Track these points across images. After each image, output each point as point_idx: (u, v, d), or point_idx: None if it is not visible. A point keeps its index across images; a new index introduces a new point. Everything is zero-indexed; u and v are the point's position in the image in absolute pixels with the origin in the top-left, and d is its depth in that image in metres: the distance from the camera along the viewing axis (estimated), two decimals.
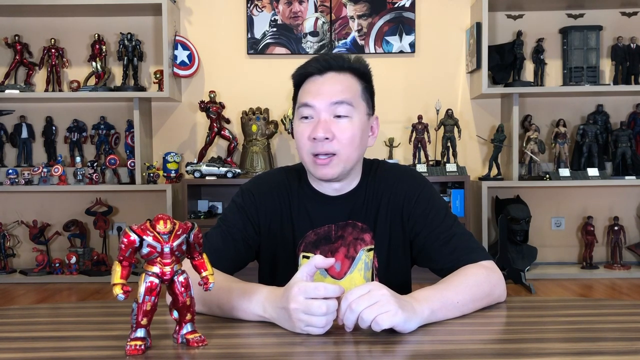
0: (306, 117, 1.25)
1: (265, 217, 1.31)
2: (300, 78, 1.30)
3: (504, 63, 4.00)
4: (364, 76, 1.29)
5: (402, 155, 4.10)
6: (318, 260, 1.00)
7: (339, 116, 1.23)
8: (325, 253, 1.29)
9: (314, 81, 1.26)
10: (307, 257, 1.29)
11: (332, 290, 0.94)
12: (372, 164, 1.36)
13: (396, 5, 4.07)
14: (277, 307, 0.99)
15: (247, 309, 1.04)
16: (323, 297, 0.94)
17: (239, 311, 1.05)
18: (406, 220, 1.30)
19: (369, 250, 1.30)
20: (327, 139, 1.21)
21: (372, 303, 0.93)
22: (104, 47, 4.03)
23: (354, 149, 1.25)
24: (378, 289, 0.96)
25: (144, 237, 0.85)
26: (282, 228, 1.31)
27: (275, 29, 4.09)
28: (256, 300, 1.03)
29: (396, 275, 1.31)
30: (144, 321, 0.87)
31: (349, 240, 1.30)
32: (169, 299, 0.92)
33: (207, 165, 3.81)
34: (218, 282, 0.94)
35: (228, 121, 4.06)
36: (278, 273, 1.33)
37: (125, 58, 3.96)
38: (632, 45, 3.99)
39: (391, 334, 0.95)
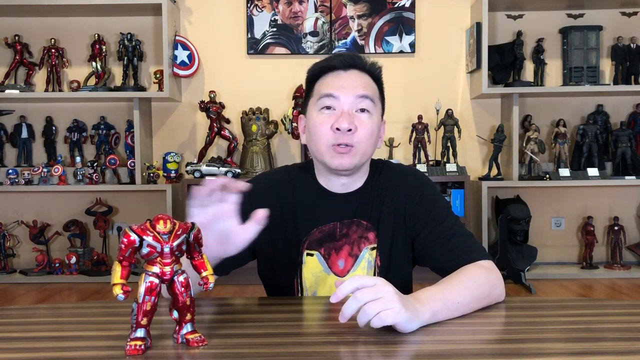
0: (328, 108, 1.26)
1: None
2: (321, 71, 1.30)
3: (504, 63, 4.00)
4: (378, 81, 1.33)
5: (402, 155, 4.10)
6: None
7: (361, 110, 1.26)
8: (330, 251, 1.30)
9: (338, 75, 1.28)
10: (311, 255, 1.30)
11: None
12: (378, 164, 1.38)
13: (396, 5, 4.07)
14: None
15: None
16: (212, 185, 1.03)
17: None
18: (408, 219, 1.31)
19: (373, 248, 1.31)
20: (349, 130, 1.23)
21: (378, 297, 0.93)
22: (104, 47, 4.03)
23: (371, 144, 1.28)
24: (384, 284, 0.96)
25: (144, 237, 0.85)
26: (284, 225, 1.32)
27: (275, 29, 4.09)
28: None
29: (397, 275, 1.31)
30: (144, 321, 0.87)
31: (353, 238, 1.31)
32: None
33: (207, 165, 3.81)
34: None
35: (228, 121, 4.06)
36: (279, 269, 1.33)
37: (125, 58, 3.96)
38: (632, 45, 3.99)
39: (391, 334, 0.95)
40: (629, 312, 1.12)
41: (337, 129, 1.23)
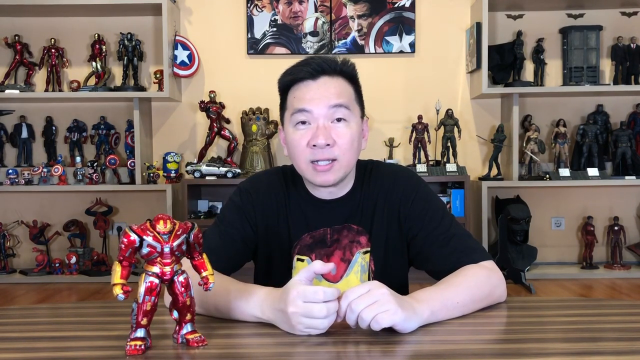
0: (302, 123, 1.21)
1: (262, 217, 1.30)
2: (290, 83, 1.25)
3: (504, 63, 4.00)
4: (353, 79, 1.27)
5: (402, 155, 4.10)
6: (317, 266, 0.99)
7: (337, 120, 1.21)
8: (321, 256, 1.28)
9: (307, 86, 1.22)
10: (301, 260, 1.29)
11: (331, 293, 0.94)
12: (367, 166, 1.34)
13: (396, 5, 4.06)
14: (275, 309, 0.98)
15: (245, 310, 1.04)
16: (322, 301, 0.93)
17: (236, 312, 1.04)
18: (403, 221, 1.29)
19: (365, 252, 1.29)
20: (327, 145, 1.19)
21: (372, 302, 0.93)
22: (104, 47, 4.03)
23: (353, 154, 1.23)
24: (377, 288, 0.95)
25: (144, 237, 0.85)
26: (278, 228, 1.31)
27: (275, 29, 4.09)
28: (253, 302, 1.03)
29: (393, 277, 1.29)
30: (144, 321, 0.87)
31: (344, 243, 1.29)
32: (168, 299, 0.92)
33: (207, 165, 3.81)
34: (215, 283, 0.94)
35: (228, 121, 4.06)
36: (272, 273, 1.33)
37: (125, 58, 3.96)
38: (632, 45, 3.99)
39: (391, 334, 0.95)
40: (629, 312, 1.12)
41: (314, 145, 1.19)
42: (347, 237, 1.29)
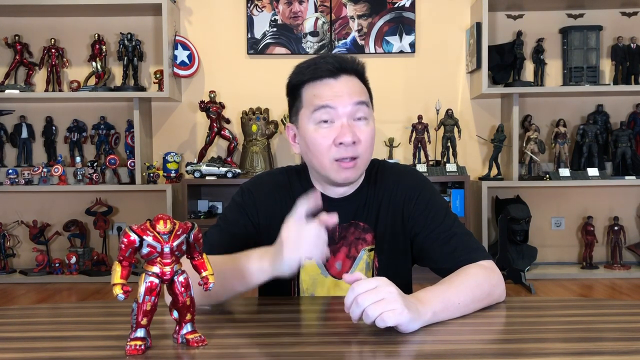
0: (325, 122, 1.21)
1: (265, 217, 1.31)
2: (307, 81, 1.25)
3: (504, 63, 4.00)
4: (364, 78, 1.29)
5: (402, 155, 4.10)
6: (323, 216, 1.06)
7: (358, 119, 1.22)
8: (327, 254, 1.29)
9: (329, 84, 1.22)
10: (309, 259, 1.29)
11: (324, 220, 1.04)
12: (373, 164, 1.35)
13: (396, 5, 4.07)
14: (274, 248, 1.06)
15: (245, 266, 1.09)
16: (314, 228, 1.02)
17: (237, 273, 1.09)
18: (406, 219, 1.30)
19: (370, 250, 1.30)
20: (353, 143, 1.20)
21: (379, 299, 0.93)
22: (104, 47, 4.03)
23: (371, 152, 1.26)
24: (386, 285, 0.96)
25: (144, 237, 0.85)
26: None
27: (275, 29, 4.09)
28: (253, 256, 1.10)
29: (397, 276, 1.29)
30: (144, 321, 0.87)
31: (350, 240, 1.30)
32: (168, 299, 0.93)
33: (207, 165, 3.81)
34: (214, 259, 0.99)
35: (228, 121, 4.06)
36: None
37: (125, 58, 3.96)
38: (632, 45, 3.99)
39: (392, 334, 0.95)
40: (629, 312, 1.12)
41: (340, 143, 1.19)
42: (353, 234, 1.30)
